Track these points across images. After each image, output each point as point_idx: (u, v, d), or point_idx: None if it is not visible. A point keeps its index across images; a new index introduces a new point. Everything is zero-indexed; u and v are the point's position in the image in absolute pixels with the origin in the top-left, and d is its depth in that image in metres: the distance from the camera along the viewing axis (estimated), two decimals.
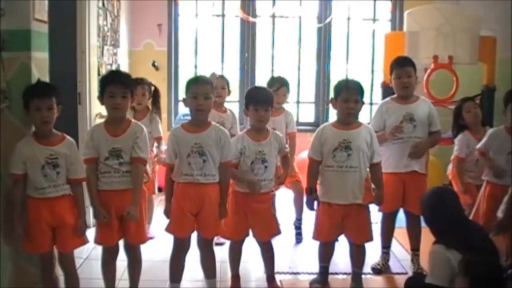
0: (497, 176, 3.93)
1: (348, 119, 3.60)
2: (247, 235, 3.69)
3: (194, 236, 3.51)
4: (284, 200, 4.81)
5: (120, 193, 3.24)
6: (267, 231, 3.66)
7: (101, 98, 3.28)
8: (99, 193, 3.26)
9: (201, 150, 3.31)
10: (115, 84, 3.22)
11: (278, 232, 3.69)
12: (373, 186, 3.68)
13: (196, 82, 3.42)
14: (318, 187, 3.70)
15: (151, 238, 3.53)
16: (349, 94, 3.54)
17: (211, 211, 3.40)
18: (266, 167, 3.53)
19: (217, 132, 3.40)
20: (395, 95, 4.09)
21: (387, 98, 4.18)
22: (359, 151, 3.54)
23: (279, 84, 4.72)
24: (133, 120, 3.42)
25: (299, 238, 4.84)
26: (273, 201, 3.71)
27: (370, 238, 3.68)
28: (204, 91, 3.34)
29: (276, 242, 3.84)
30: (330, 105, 3.80)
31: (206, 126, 3.41)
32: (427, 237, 4.69)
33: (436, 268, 3.03)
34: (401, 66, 4.00)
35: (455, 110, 4.61)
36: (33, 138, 3.10)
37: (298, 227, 4.89)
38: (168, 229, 3.45)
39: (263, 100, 3.56)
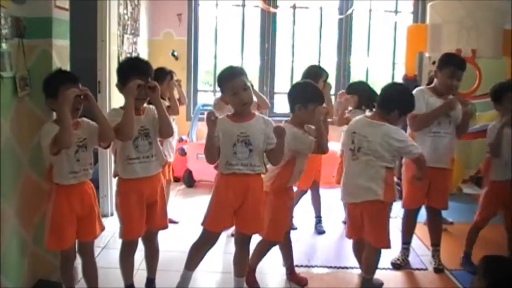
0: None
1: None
2: None
3: None
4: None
5: (150, 179, 3.21)
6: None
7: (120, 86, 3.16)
8: (126, 181, 3.19)
9: (247, 139, 3.15)
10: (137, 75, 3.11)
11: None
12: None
13: (231, 78, 3.17)
14: None
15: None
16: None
17: (254, 206, 3.22)
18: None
19: (263, 121, 3.24)
20: (430, 86, 4.01)
21: (423, 87, 4.09)
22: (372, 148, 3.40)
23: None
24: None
25: (320, 229, 4.83)
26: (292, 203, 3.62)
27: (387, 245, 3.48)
28: (241, 84, 3.14)
29: (294, 235, 3.86)
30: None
31: (251, 116, 3.24)
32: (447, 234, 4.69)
33: None
34: (459, 67, 3.87)
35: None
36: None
37: (318, 221, 4.90)
38: (205, 224, 3.27)
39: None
